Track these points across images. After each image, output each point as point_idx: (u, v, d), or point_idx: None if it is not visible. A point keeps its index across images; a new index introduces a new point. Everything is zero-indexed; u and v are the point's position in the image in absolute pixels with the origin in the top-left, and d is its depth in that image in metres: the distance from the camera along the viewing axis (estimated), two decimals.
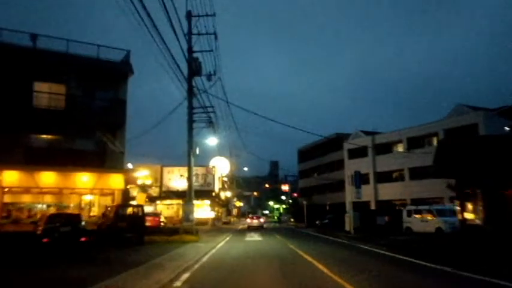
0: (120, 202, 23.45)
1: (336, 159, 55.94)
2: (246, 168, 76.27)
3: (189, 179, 22.87)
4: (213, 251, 15.70)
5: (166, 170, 45.07)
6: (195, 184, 45.86)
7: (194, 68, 22.65)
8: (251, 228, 43.05)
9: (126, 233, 16.64)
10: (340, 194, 51.90)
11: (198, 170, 45.07)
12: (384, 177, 44.00)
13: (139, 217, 17.92)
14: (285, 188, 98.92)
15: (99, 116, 23.63)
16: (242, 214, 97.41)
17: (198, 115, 23.35)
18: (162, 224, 33.76)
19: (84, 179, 22.70)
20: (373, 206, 44.41)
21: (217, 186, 47.69)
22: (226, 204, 65.13)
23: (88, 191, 22.98)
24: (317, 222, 42.93)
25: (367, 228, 27.34)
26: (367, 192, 45.62)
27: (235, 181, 66.81)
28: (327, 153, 59.04)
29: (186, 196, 23.17)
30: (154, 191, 44.14)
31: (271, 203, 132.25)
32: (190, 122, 22.68)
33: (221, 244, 19.26)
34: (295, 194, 76.49)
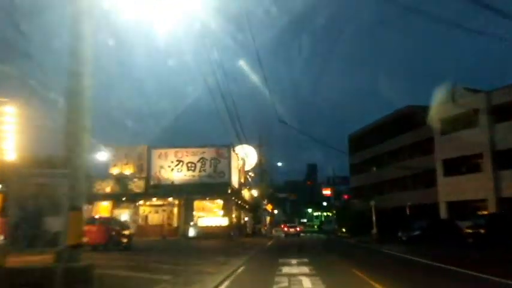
0: None
1: (409, 142, 38.45)
2: (279, 164, 60.00)
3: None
4: None
5: (156, 153, 29.51)
6: (201, 174, 30.12)
7: None
8: (288, 242, 26.95)
9: None
10: (424, 192, 34.39)
11: (204, 153, 29.23)
12: (509, 159, 26.37)
13: None
14: (327, 192, 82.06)
15: None
16: (276, 223, 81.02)
17: None
18: (124, 240, 17.95)
19: None
20: (492, 207, 26.69)
21: (235, 178, 31.59)
22: (254, 209, 48.84)
23: None
24: (400, 235, 25.76)
25: None
26: (478, 185, 28.03)
27: (266, 176, 50.29)
28: (394, 136, 41.62)
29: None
30: (137, 186, 28.61)
31: (309, 210, 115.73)
32: None
33: None
34: (346, 196, 59.20)
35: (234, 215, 33.06)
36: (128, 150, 29.26)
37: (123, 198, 27.56)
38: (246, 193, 38.12)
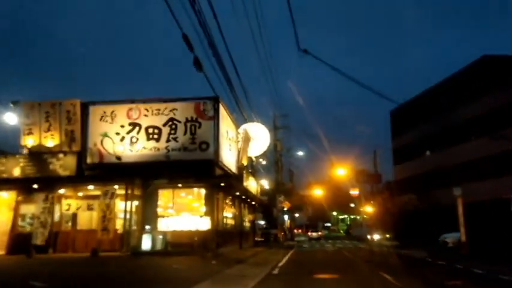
0: None
1: (498, 103, 25.97)
2: (300, 153, 47.58)
3: None
4: None
5: (96, 111, 17.92)
6: (170, 145, 18.32)
7: None
8: (313, 258, 15.27)
9: None
10: None
11: (176, 110, 17.72)
12: None
13: None
14: (355, 192, 69.36)
15: None
16: (297, 226, 69.32)
17: None
18: None
19: None
20: None
21: (229, 154, 19.77)
22: (267, 208, 37.04)
23: None
24: None
25: None
26: None
27: (283, 165, 38.33)
28: (464, 102, 29.08)
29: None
30: (64, 165, 17.19)
31: (334, 213, 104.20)
32: None
33: None
34: (388, 193, 46.49)
35: (232, 214, 21.36)
36: (51, 108, 17.94)
37: (35, 186, 16.25)
38: (251, 183, 26.30)
